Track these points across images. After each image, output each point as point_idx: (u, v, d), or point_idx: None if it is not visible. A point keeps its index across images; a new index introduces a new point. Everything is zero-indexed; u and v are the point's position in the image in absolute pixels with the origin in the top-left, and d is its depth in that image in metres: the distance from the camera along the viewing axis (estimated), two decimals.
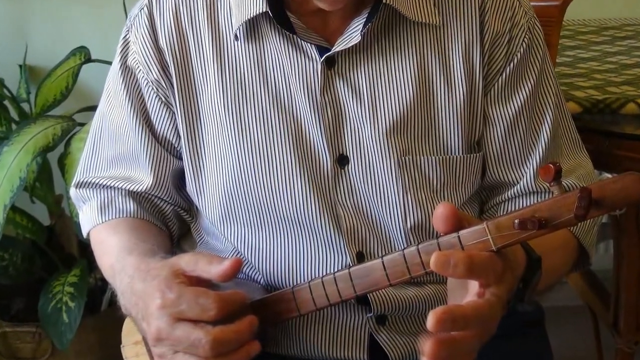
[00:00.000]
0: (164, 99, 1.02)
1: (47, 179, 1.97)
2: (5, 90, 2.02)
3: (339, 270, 0.85)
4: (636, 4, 2.22)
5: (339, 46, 0.96)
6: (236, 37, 0.99)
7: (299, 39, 0.97)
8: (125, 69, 1.04)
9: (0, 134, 1.93)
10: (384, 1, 0.94)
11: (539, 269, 0.84)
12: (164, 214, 1.09)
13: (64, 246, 2.03)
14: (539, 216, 0.75)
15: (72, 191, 1.12)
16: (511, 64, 1.01)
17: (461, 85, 0.99)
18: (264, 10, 0.95)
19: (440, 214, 0.77)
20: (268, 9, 0.95)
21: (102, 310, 1.99)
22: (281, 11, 0.96)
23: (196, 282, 0.86)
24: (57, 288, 1.82)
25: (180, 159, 1.04)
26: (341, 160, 0.98)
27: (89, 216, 1.09)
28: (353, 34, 0.96)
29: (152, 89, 1.02)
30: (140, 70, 1.02)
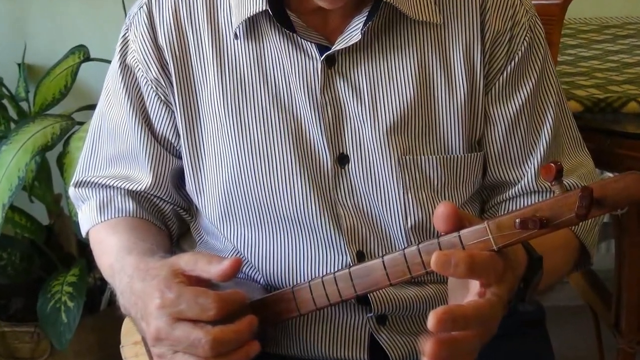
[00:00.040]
0: (163, 97, 1.02)
1: (46, 178, 1.97)
2: (4, 89, 2.02)
3: (339, 270, 0.85)
4: (637, 2, 2.21)
5: (339, 45, 0.96)
6: (236, 36, 0.99)
7: (299, 38, 0.96)
8: (125, 67, 1.03)
9: None
10: None
11: (540, 268, 0.84)
12: (164, 214, 1.09)
13: (62, 246, 2.03)
14: (540, 215, 0.75)
15: (71, 190, 1.12)
16: (512, 63, 1.00)
17: (462, 84, 0.99)
18: (263, 9, 0.95)
19: (441, 213, 0.77)
20: (268, 7, 0.94)
21: (101, 310, 1.99)
22: (281, 9, 0.96)
23: (195, 282, 0.85)
24: (56, 288, 1.82)
25: (180, 158, 1.04)
26: (341, 160, 0.98)
27: (88, 215, 1.09)
28: (353, 33, 0.95)
29: (152, 87, 1.02)
30: (140, 68, 1.02)
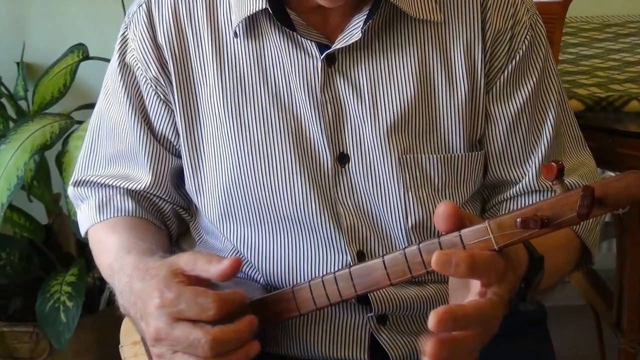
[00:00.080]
0: (162, 96, 1.02)
1: (44, 177, 1.96)
2: (3, 88, 2.01)
3: (339, 270, 0.84)
4: (639, 0, 2.21)
5: (340, 43, 0.95)
6: (235, 35, 0.98)
7: (299, 36, 0.96)
8: (124, 66, 1.03)
9: None
10: None
11: (541, 268, 0.84)
12: (163, 213, 1.08)
13: (61, 245, 2.03)
14: (541, 215, 0.75)
15: (70, 190, 1.12)
16: (513, 62, 1.00)
17: (463, 83, 0.98)
18: (263, 7, 0.94)
19: (442, 212, 0.76)
20: (268, 5, 0.94)
21: (100, 309, 1.98)
22: (281, 8, 0.95)
23: (195, 282, 0.85)
24: (54, 287, 1.81)
25: (179, 157, 1.04)
26: (341, 159, 0.98)
27: (87, 215, 1.08)
28: (354, 31, 0.95)
29: (151, 86, 1.02)
30: (139, 67, 1.02)
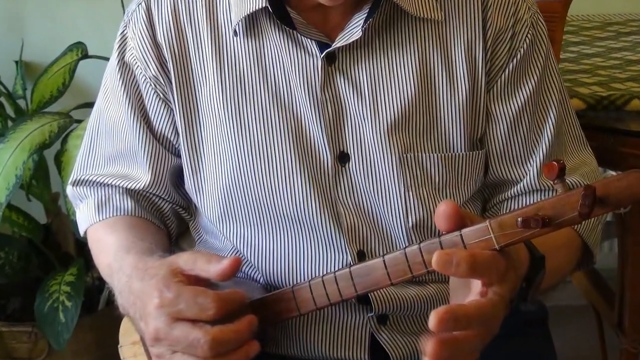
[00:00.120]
0: (162, 95, 1.01)
1: (43, 176, 1.96)
2: (1, 87, 2.01)
3: (339, 269, 0.84)
4: None
5: (340, 42, 0.95)
6: (235, 33, 0.98)
7: (299, 35, 0.96)
8: (123, 65, 1.03)
9: None
10: None
11: (543, 267, 0.84)
12: (162, 212, 1.08)
13: (60, 245, 2.02)
14: (542, 214, 0.75)
15: (69, 189, 1.11)
16: (514, 60, 1.00)
17: (463, 82, 0.98)
18: (263, 6, 0.94)
19: (443, 211, 0.76)
20: (268, 4, 0.94)
21: (99, 309, 1.98)
22: (281, 6, 0.95)
23: (195, 281, 0.85)
24: (53, 287, 1.81)
25: (179, 156, 1.03)
26: (342, 158, 0.97)
27: (86, 214, 1.08)
28: (354, 30, 0.95)
29: (150, 85, 1.01)
30: (138, 66, 1.01)
